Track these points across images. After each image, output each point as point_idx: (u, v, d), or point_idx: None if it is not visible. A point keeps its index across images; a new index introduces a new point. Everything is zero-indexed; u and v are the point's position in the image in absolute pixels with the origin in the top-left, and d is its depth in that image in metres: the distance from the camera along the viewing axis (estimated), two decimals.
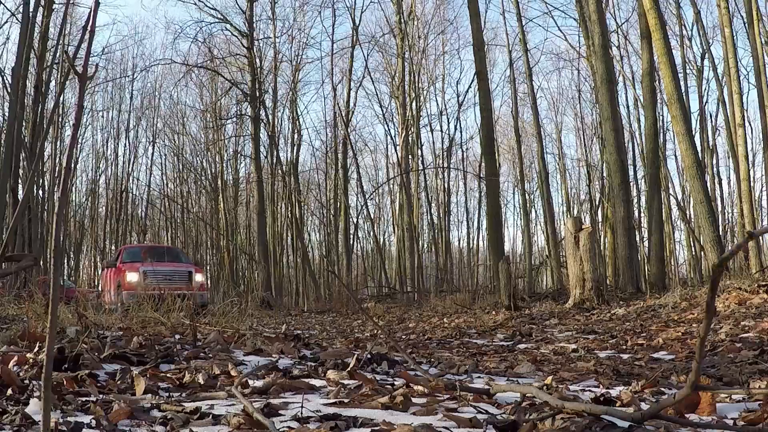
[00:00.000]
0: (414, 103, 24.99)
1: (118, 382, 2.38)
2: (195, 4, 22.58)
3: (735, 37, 16.14)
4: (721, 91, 19.35)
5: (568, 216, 22.52)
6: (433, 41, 27.64)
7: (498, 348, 4.63)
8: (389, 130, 27.20)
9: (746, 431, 1.62)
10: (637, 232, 18.87)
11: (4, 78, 17.50)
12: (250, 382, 2.49)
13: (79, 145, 27.57)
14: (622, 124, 15.40)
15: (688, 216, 22.52)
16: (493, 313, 8.90)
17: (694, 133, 14.82)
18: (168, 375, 2.61)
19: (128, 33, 48.63)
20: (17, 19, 14.91)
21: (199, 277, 13.99)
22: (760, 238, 15.56)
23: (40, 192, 20.18)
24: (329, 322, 9.64)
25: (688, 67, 22.86)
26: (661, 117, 21.22)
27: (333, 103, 25.07)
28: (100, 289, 16.82)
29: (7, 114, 16.15)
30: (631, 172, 20.02)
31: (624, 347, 4.39)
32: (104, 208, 30.71)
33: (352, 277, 24.32)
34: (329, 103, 31.92)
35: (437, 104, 44.48)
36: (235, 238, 29.23)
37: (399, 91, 24.90)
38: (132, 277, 12.80)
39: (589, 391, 2.46)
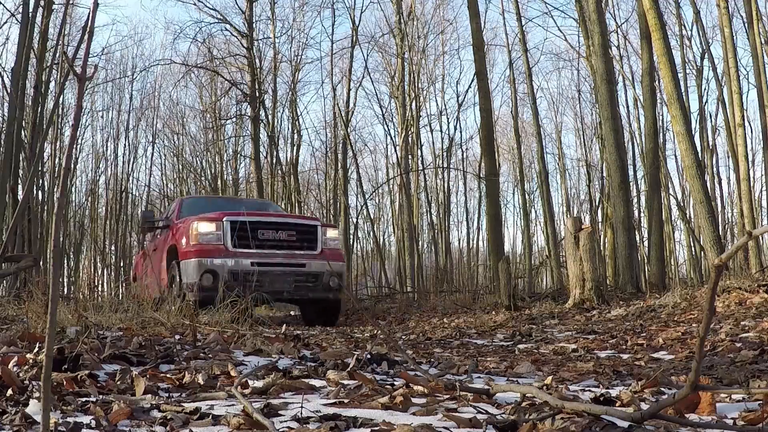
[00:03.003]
0: (414, 103, 24.98)
1: (118, 383, 2.38)
2: (195, 4, 22.53)
3: (735, 37, 16.15)
4: (721, 91, 19.34)
5: (568, 216, 22.52)
6: (432, 41, 27.62)
7: (498, 348, 4.63)
8: (389, 130, 27.18)
9: (746, 431, 1.62)
10: (637, 232, 18.87)
11: (4, 78, 17.50)
12: (250, 382, 2.49)
13: (78, 146, 27.53)
14: (621, 124, 15.39)
15: (688, 216, 22.51)
16: (493, 313, 8.89)
17: (693, 133, 14.81)
18: (168, 375, 2.61)
19: (128, 33, 48.45)
20: (17, 19, 14.89)
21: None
22: (760, 237, 15.55)
23: (40, 192, 20.17)
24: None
25: (687, 67, 22.86)
26: (661, 117, 21.21)
27: (333, 103, 25.05)
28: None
29: (6, 114, 16.14)
30: (631, 172, 20.01)
31: (624, 347, 4.39)
32: (104, 208, 30.69)
33: (351, 277, 24.31)
34: (329, 104, 31.92)
35: (437, 104, 44.48)
36: None
37: (399, 91, 24.89)
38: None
39: (589, 391, 2.46)
